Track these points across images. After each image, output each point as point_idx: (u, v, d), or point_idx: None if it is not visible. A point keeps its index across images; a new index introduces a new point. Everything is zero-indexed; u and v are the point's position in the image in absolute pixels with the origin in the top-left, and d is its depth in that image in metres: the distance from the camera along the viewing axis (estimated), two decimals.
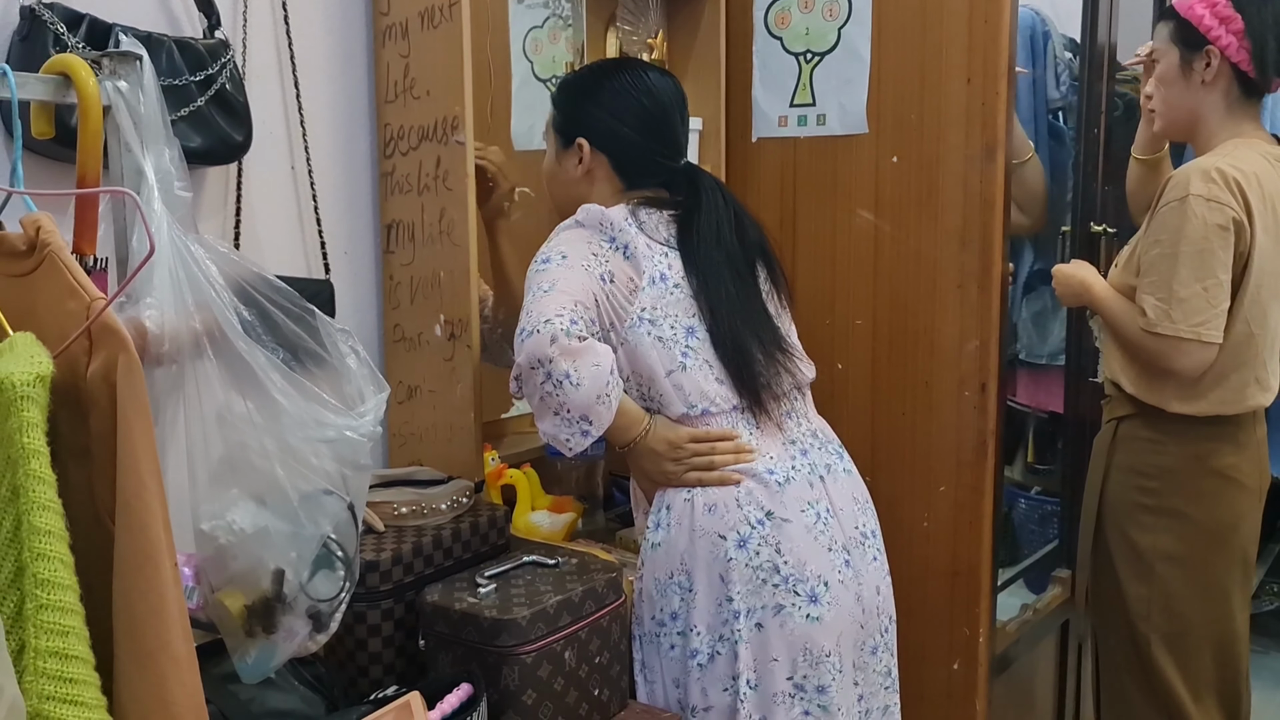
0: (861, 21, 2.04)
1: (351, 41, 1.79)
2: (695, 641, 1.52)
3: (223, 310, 1.09)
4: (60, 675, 0.86)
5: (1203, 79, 1.96)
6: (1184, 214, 1.85)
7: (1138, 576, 2.03)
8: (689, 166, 1.68)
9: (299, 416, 1.09)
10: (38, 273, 0.98)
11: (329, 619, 1.16)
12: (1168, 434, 2.00)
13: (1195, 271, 1.85)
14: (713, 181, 1.67)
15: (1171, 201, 1.88)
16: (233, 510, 1.10)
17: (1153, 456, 2.02)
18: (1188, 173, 1.88)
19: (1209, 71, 1.95)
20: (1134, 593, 2.04)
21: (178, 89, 1.46)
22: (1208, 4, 1.93)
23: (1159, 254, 1.89)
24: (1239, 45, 1.91)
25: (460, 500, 1.62)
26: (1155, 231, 1.91)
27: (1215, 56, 1.93)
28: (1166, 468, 2.01)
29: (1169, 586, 2.01)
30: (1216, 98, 1.97)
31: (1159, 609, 2.02)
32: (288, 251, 1.73)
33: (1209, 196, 1.84)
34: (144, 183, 1.09)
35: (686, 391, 1.54)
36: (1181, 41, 1.97)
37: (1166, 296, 1.87)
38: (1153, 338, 1.90)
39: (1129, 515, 2.05)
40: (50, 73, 1.09)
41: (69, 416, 0.94)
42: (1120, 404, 2.07)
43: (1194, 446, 1.98)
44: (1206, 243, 1.84)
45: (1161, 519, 2.01)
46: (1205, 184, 1.85)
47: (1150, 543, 2.02)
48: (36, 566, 0.85)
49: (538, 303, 1.45)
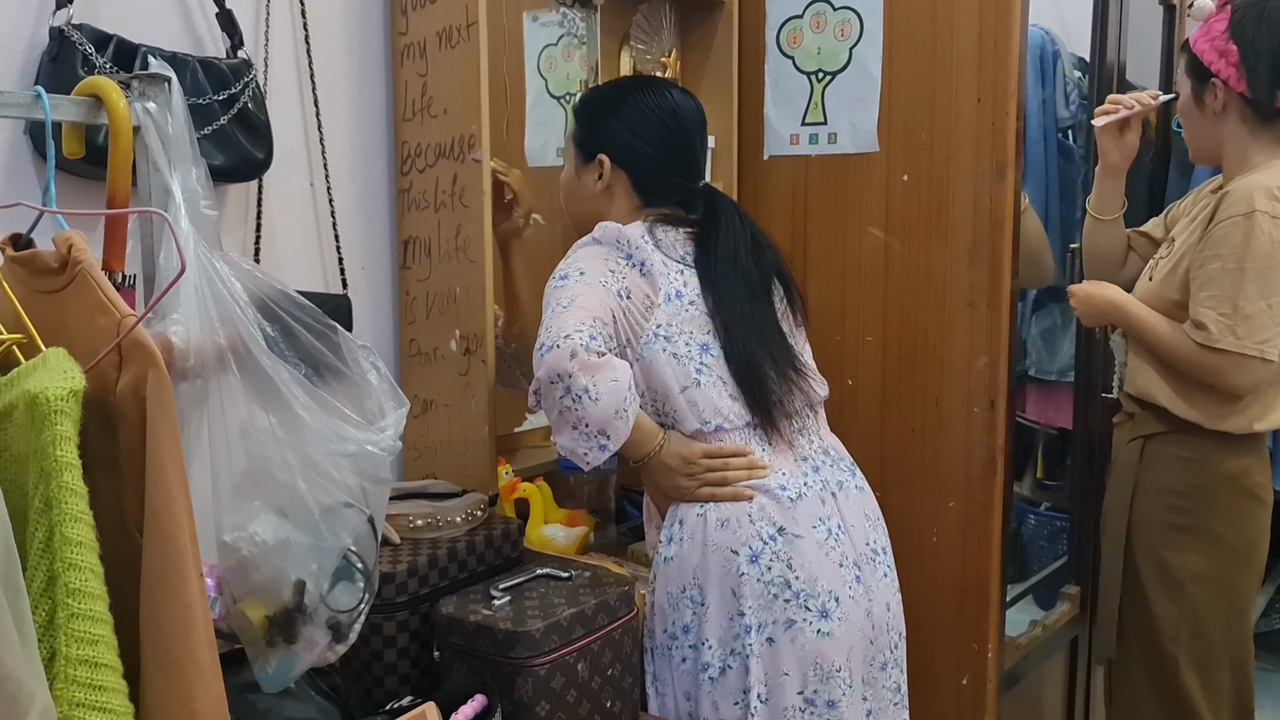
0: (873, 41, 2.07)
1: (370, 61, 1.82)
2: (707, 655, 1.53)
3: (247, 326, 1.11)
4: (90, 683, 0.88)
5: (1214, 110, 1.97)
6: (1250, 230, 1.83)
7: (1168, 597, 2.00)
8: (707, 188, 1.71)
9: (320, 431, 1.11)
10: (69, 289, 1.01)
11: (348, 630, 1.18)
12: (1202, 452, 1.97)
13: (1261, 288, 1.83)
14: (730, 203, 1.70)
15: (1235, 217, 1.85)
16: (255, 522, 1.12)
17: (1186, 476, 1.99)
18: (1249, 189, 1.86)
19: (1217, 103, 1.96)
20: (1164, 613, 2.01)
21: (201, 108, 1.49)
22: (1208, 38, 1.95)
23: (1220, 268, 1.85)
24: (1239, 76, 1.91)
25: (475, 513, 1.64)
26: (1215, 245, 1.87)
27: (1220, 88, 1.94)
28: (1201, 487, 1.98)
29: (1199, 607, 1.99)
30: (1232, 126, 1.96)
31: (1188, 630, 2.00)
32: (306, 267, 1.75)
33: (1274, 214, 1.83)
34: (171, 201, 1.12)
35: (700, 408, 1.56)
36: (1193, 74, 1.99)
37: (1230, 312, 1.84)
38: (1212, 354, 1.86)
39: (1159, 535, 2.02)
40: (82, 94, 1.12)
41: (99, 430, 0.96)
42: (1147, 421, 2.03)
43: (1227, 465, 1.96)
44: (1273, 260, 1.82)
45: (1194, 538, 1.98)
46: (1270, 201, 1.83)
47: (1181, 562, 1.99)
48: (68, 576, 0.88)
49: (557, 318, 1.47)
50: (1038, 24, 2.64)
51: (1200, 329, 1.87)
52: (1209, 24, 1.96)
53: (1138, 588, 2.06)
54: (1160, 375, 2.00)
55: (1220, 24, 1.94)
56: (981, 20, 1.95)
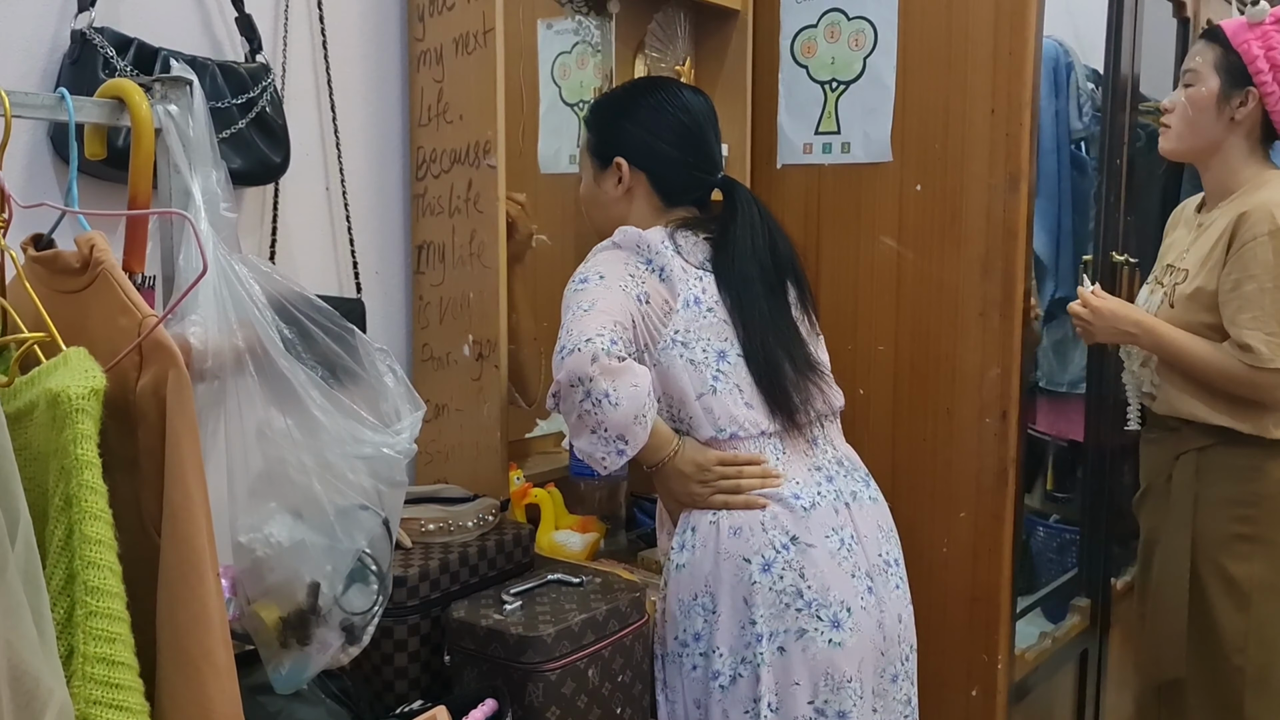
0: (887, 51, 2.07)
1: (387, 66, 1.83)
2: (717, 663, 1.53)
3: (265, 328, 1.11)
4: (107, 680, 0.88)
5: (1233, 116, 1.94)
6: (1276, 249, 1.83)
7: (1236, 608, 1.98)
8: (726, 179, 1.70)
9: (337, 433, 1.11)
10: (90, 289, 1.01)
11: (362, 632, 1.18)
12: (1261, 459, 1.96)
13: None
14: (749, 196, 1.68)
15: (1260, 237, 1.85)
16: (270, 523, 1.12)
17: (1251, 484, 1.97)
18: (1269, 208, 1.86)
19: (1242, 110, 1.93)
20: (1230, 625, 1.99)
21: (220, 111, 1.49)
22: (1264, 45, 1.90)
23: (1257, 289, 1.85)
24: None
25: (486, 518, 1.65)
26: (1245, 267, 1.87)
27: (1255, 99, 1.91)
28: (1266, 494, 1.97)
29: (1265, 616, 1.97)
30: (1241, 136, 1.95)
31: (1255, 641, 1.98)
32: (321, 270, 1.76)
33: None
34: (191, 203, 1.12)
35: (716, 415, 1.56)
36: (1226, 72, 1.94)
37: (1277, 330, 1.84)
38: (1265, 374, 1.86)
39: (1224, 546, 2.00)
40: (105, 96, 1.12)
41: (118, 429, 0.97)
42: (1194, 435, 2.02)
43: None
44: None
45: (1259, 547, 1.97)
46: None
47: (1246, 572, 1.98)
48: (87, 574, 0.88)
49: (578, 321, 1.47)
50: (1052, 36, 2.64)
51: (1247, 351, 1.87)
52: (1264, 30, 1.91)
53: (1202, 602, 2.02)
54: (1201, 396, 1.98)
55: (1277, 34, 1.89)
56: (996, 31, 1.95)
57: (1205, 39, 2.01)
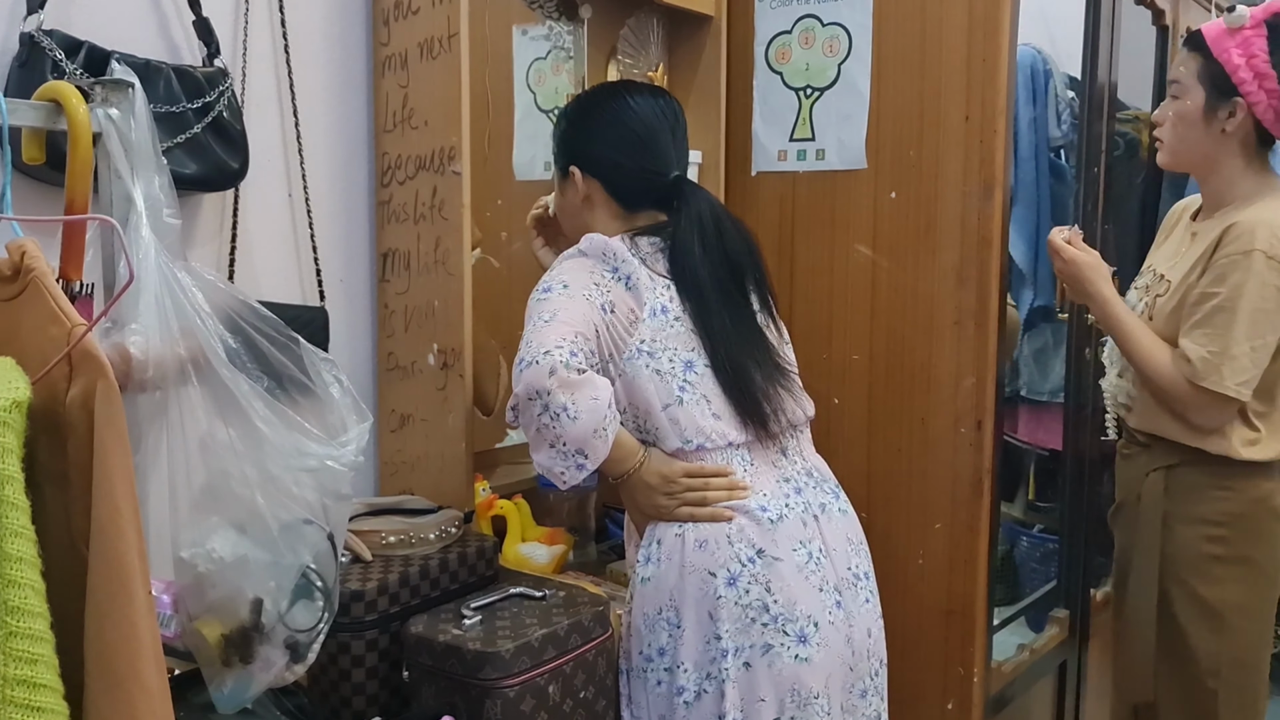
0: (861, 58, 2.05)
1: (351, 71, 1.81)
2: (682, 679, 1.50)
3: (208, 337, 1.09)
4: (28, 704, 0.85)
5: (1224, 128, 1.89)
6: (1247, 268, 1.80)
7: (1210, 630, 1.93)
8: (679, 179, 1.66)
9: (281, 445, 1.09)
10: (21, 298, 0.98)
11: (307, 649, 1.15)
12: (1234, 478, 1.91)
13: (1249, 330, 1.80)
14: (700, 195, 1.63)
15: (1235, 255, 1.82)
16: (213, 538, 1.09)
17: (1221, 504, 1.92)
18: (1253, 226, 1.82)
19: (1232, 122, 1.88)
20: (1204, 648, 1.94)
21: (174, 116, 1.47)
22: (1245, 54, 1.84)
23: (1216, 306, 1.82)
24: (1268, 104, 1.84)
25: (449, 530, 1.62)
26: (1214, 282, 1.84)
27: (1242, 109, 1.86)
28: (1236, 514, 1.92)
29: (1241, 638, 1.93)
30: (1234, 146, 1.90)
31: (1229, 662, 1.93)
32: (283, 278, 1.73)
33: (1271, 253, 1.79)
34: (133, 209, 1.10)
35: (682, 426, 1.53)
36: (1210, 85, 1.89)
37: (1220, 351, 1.81)
38: (1194, 389, 1.83)
39: (1196, 568, 1.95)
40: (42, 99, 1.09)
41: (48, 442, 0.94)
42: (1164, 453, 1.98)
43: (1259, 489, 1.90)
44: (1264, 302, 1.79)
45: (1232, 568, 1.93)
46: (1271, 242, 1.80)
47: (1219, 595, 1.93)
48: (8, 594, 0.85)
49: (538, 333, 1.44)
50: (1029, 43, 2.63)
51: (1186, 362, 1.84)
52: (1243, 37, 1.85)
53: (1174, 624, 1.98)
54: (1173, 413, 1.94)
55: (1259, 41, 1.84)
56: (970, 38, 1.93)
57: (1188, 46, 1.95)
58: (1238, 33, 1.86)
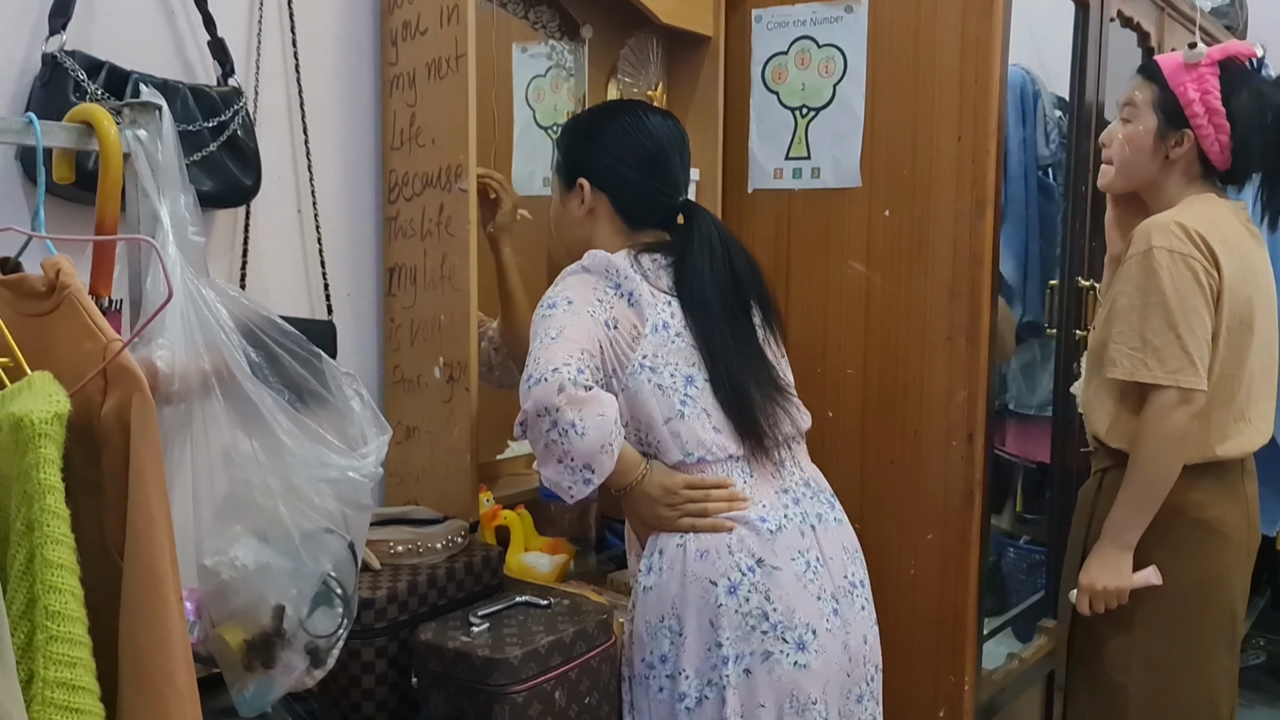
0: (856, 79, 2.10)
1: (360, 90, 1.85)
2: (684, 685, 1.54)
3: (231, 352, 1.12)
4: (66, 705, 0.88)
5: (1169, 154, 1.95)
6: (1149, 266, 1.84)
7: (1117, 627, 1.98)
8: (686, 203, 1.71)
9: (303, 456, 1.12)
10: (56, 313, 1.02)
11: (327, 655, 1.18)
12: None
13: (1166, 320, 1.83)
14: (708, 218, 1.69)
15: (1136, 255, 1.87)
16: (235, 546, 1.12)
17: None
18: (1149, 227, 1.87)
19: (1177, 150, 1.94)
20: (1111, 644, 1.99)
21: (191, 134, 1.50)
22: (1199, 88, 1.90)
23: (1126, 304, 1.87)
24: (1214, 137, 1.90)
25: (455, 540, 1.65)
26: (1121, 283, 1.89)
27: (1189, 140, 1.92)
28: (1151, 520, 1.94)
29: (1150, 640, 1.96)
30: (1178, 174, 1.96)
31: (1138, 662, 1.97)
32: (292, 292, 1.77)
33: (1171, 248, 1.83)
34: (159, 228, 1.13)
35: (684, 439, 1.57)
36: (1163, 112, 1.95)
37: (1140, 345, 1.85)
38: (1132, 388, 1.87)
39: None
40: (74, 121, 1.13)
41: (82, 453, 0.97)
42: (1102, 456, 2.04)
43: (1176, 497, 1.91)
44: (1175, 293, 1.83)
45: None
46: (1166, 236, 1.84)
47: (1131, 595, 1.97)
48: (48, 599, 0.88)
49: (545, 350, 1.47)
50: (1018, 64, 2.68)
51: (1112, 365, 1.88)
52: (1199, 73, 1.91)
53: (1086, 620, 2.02)
54: (1107, 413, 1.98)
55: (1212, 79, 1.90)
56: (962, 59, 1.98)
57: (1143, 75, 2.01)
58: (1194, 69, 1.92)
